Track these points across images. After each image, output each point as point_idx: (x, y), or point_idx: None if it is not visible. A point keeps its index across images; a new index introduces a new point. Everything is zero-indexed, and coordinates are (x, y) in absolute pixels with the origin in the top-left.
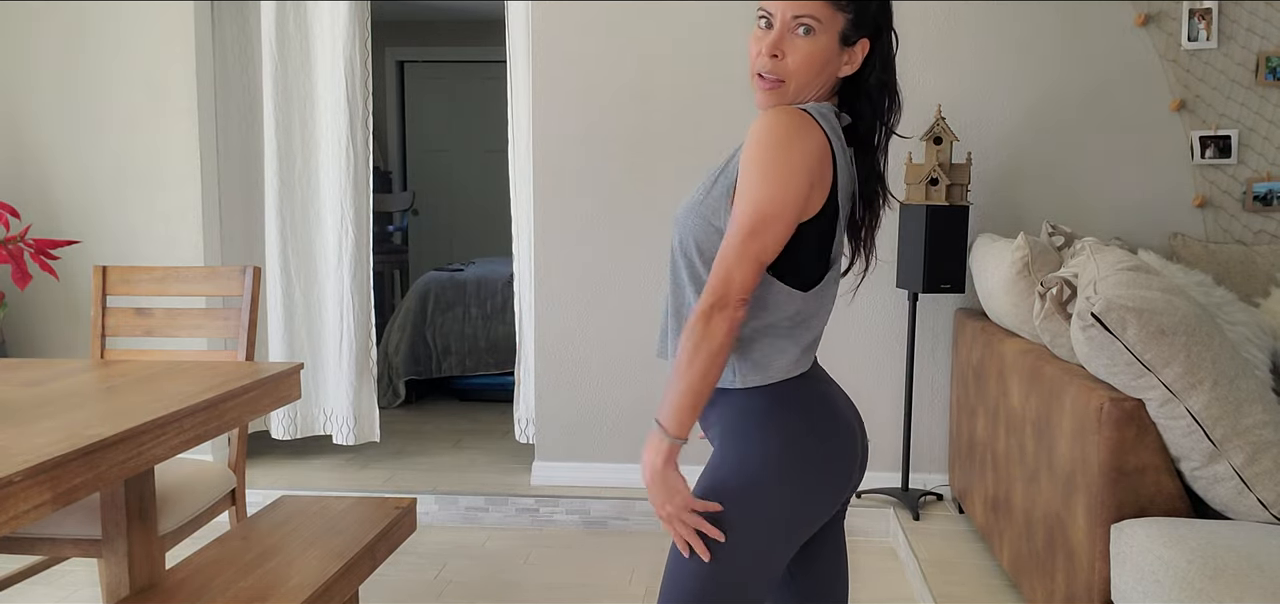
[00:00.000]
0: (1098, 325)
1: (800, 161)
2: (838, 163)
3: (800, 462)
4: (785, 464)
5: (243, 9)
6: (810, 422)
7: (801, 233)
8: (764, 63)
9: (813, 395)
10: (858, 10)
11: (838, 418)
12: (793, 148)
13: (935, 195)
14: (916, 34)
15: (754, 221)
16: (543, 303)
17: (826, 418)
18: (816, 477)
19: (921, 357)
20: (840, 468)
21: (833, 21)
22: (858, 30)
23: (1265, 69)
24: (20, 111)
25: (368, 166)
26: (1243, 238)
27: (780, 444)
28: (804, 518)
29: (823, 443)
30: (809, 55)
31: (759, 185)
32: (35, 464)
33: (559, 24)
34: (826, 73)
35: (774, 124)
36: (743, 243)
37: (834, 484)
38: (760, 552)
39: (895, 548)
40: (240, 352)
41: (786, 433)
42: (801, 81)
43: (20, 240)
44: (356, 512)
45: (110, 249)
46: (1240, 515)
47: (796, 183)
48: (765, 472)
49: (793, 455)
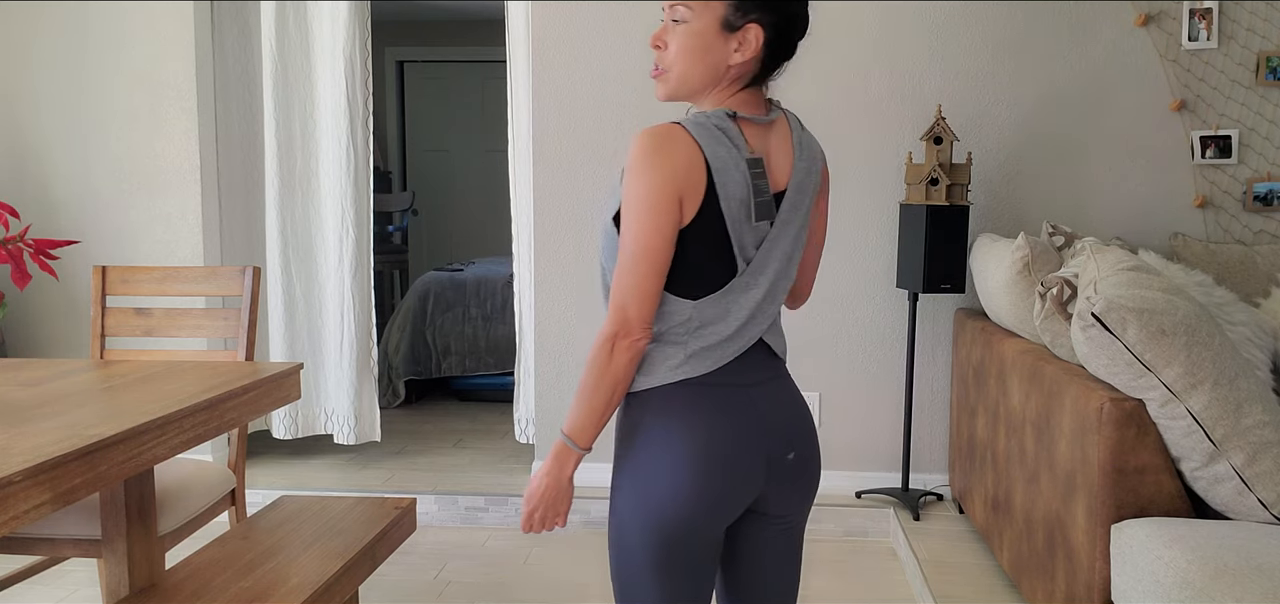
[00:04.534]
0: (1098, 325)
1: (658, 183)
2: (714, 169)
3: (681, 459)
4: (668, 459)
5: (243, 9)
6: (681, 426)
7: (685, 243)
8: (655, 54)
9: (698, 400)
10: None
11: (714, 427)
12: (648, 173)
13: (935, 195)
14: (917, 34)
15: (630, 255)
16: (543, 303)
17: (702, 424)
18: (688, 479)
19: (921, 357)
20: (719, 472)
21: (707, 9)
22: (742, 15)
23: (1265, 69)
24: (20, 111)
25: (368, 166)
26: (1243, 238)
27: (653, 446)
28: (680, 518)
29: (695, 447)
30: (683, 44)
31: (628, 218)
32: (35, 464)
33: (559, 24)
34: (709, 61)
35: (634, 151)
36: (627, 276)
37: (712, 488)
38: (646, 546)
39: (895, 548)
40: (240, 352)
41: (666, 429)
42: (681, 71)
43: (20, 240)
44: (356, 512)
45: (110, 249)
46: (1240, 515)
47: (657, 206)
48: (640, 472)
49: (676, 451)
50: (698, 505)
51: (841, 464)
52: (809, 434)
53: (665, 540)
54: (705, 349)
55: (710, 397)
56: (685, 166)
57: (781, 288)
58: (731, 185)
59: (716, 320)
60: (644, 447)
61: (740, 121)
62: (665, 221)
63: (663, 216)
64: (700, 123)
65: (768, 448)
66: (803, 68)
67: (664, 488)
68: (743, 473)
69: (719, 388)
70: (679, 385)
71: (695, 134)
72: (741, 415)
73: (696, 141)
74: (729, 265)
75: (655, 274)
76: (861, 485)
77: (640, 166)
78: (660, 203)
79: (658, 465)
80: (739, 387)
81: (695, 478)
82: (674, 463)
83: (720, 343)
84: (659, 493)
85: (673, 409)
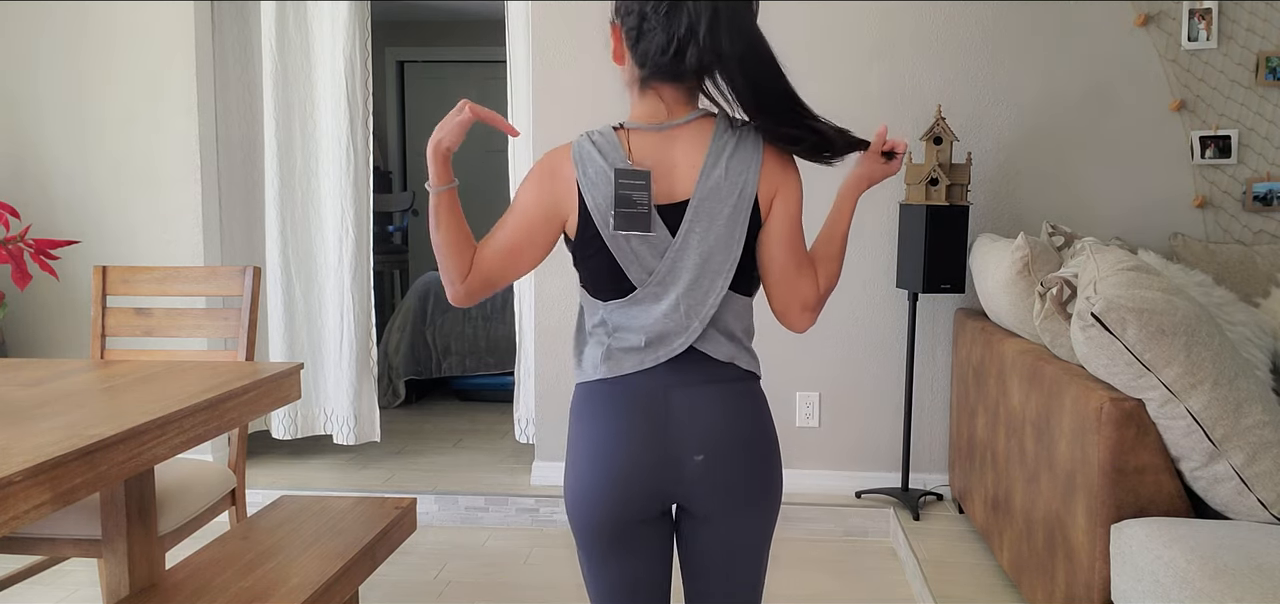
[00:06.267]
0: (1098, 325)
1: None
2: (582, 185)
3: (582, 454)
4: (573, 454)
5: (243, 9)
6: (584, 423)
7: (583, 253)
8: None
9: (605, 400)
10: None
11: (609, 426)
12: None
13: (935, 195)
14: (917, 34)
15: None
16: (543, 303)
17: (599, 423)
18: (583, 472)
19: (921, 357)
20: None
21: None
22: (613, 15)
23: (1265, 69)
24: (20, 111)
25: (368, 166)
26: (1243, 238)
27: (574, 434)
28: (579, 509)
29: (598, 440)
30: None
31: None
32: (35, 464)
33: (559, 24)
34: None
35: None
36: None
37: (600, 483)
38: (572, 529)
39: (895, 548)
40: (240, 352)
41: (578, 425)
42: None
43: (20, 240)
44: (356, 512)
45: (110, 249)
46: (1240, 515)
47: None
48: (565, 461)
49: (579, 447)
50: (593, 498)
51: (841, 464)
52: (730, 440)
53: (578, 527)
54: (623, 351)
55: (617, 398)
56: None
57: (708, 299)
58: (598, 197)
59: (626, 326)
60: (568, 438)
61: (627, 131)
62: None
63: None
64: (583, 138)
65: (671, 450)
66: (803, 68)
67: (570, 480)
68: (635, 471)
69: (629, 391)
70: (597, 383)
71: (573, 151)
72: (643, 417)
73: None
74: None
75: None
76: (861, 485)
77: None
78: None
79: (570, 457)
80: (650, 390)
81: (586, 473)
82: (575, 458)
83: (636, 349)
84: (568, 484)
85: (582, 407)
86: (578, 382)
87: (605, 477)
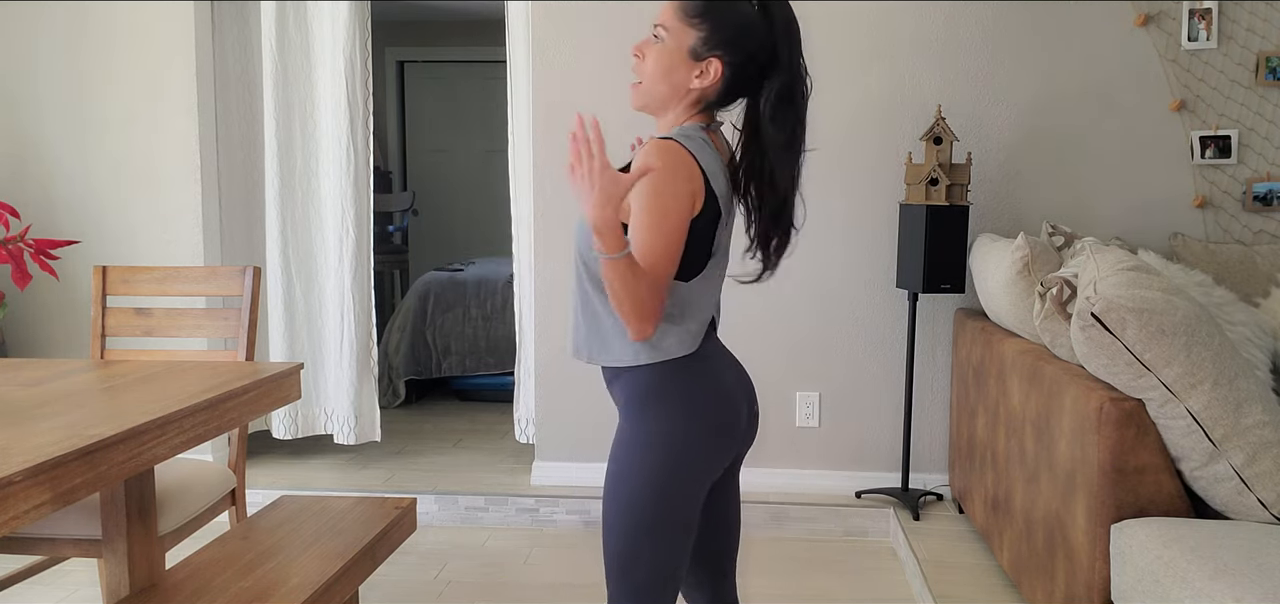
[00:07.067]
0: (1098, 325)
1: (673, 203)
2: (708, 174)
3: (683, 430)
4: (683, 427)
5: (243, 9)
6: (693, 395)
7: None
8: (633, 64)
9: (699, 371)
10: (711, 28)
11: (720, 391)
12: (666, 192)
13: (935, 195)
14: (917, 34)
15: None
16: (543, 303)
17: (709, 392)
18: (698, 441)
19: (921, 357)
20: (722, 434)
21: (682, 33)
22: (708, 47)
23: (1265, 69)
24: (21, 111)
25: (368, 166)
26: (1243, 238)
27: (675, 412)
28: (695, 475)
29: (704, 414)
30: (657, 60)
31: (646, 233)
32: (35, 464)
33: (559, 24)
34: (673, 80)
35: (655, 173)
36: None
37: (716, 446)
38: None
39: (895, 548)
40: (240, 352)
41: (673, 404)
42: (650, 84)
43: (20, 240)
44: (356, 512)
45: (110, 249)
46: (1240, 515)
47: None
48: (664, 435)
49: (677, 425)
50: (712, 461)
51: (841, 464)
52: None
53: (684, 496)
54: (697, 326)
55: (710, 366)
56: (689, 183)
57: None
58: (720, 186)
59: (701, 298)
60: (667, 413)
61: (712, 133)
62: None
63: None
64: (689, 135)
65: (746, 405)
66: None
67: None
68: (738, 429)
69: (711, 358)
70: (689, 358)
71: (689, 147)
72: (731, 378)
73: (691, 154)
74: (706, 253)
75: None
76: (861, 485)
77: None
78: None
79: (684, 427)
80: (719, 355)
81: (712, 436)
82: (697, 426)
83: (703, 320)
84: (685, 453)
85: (686, 379)
86: (660, 359)
87: (728, 430)
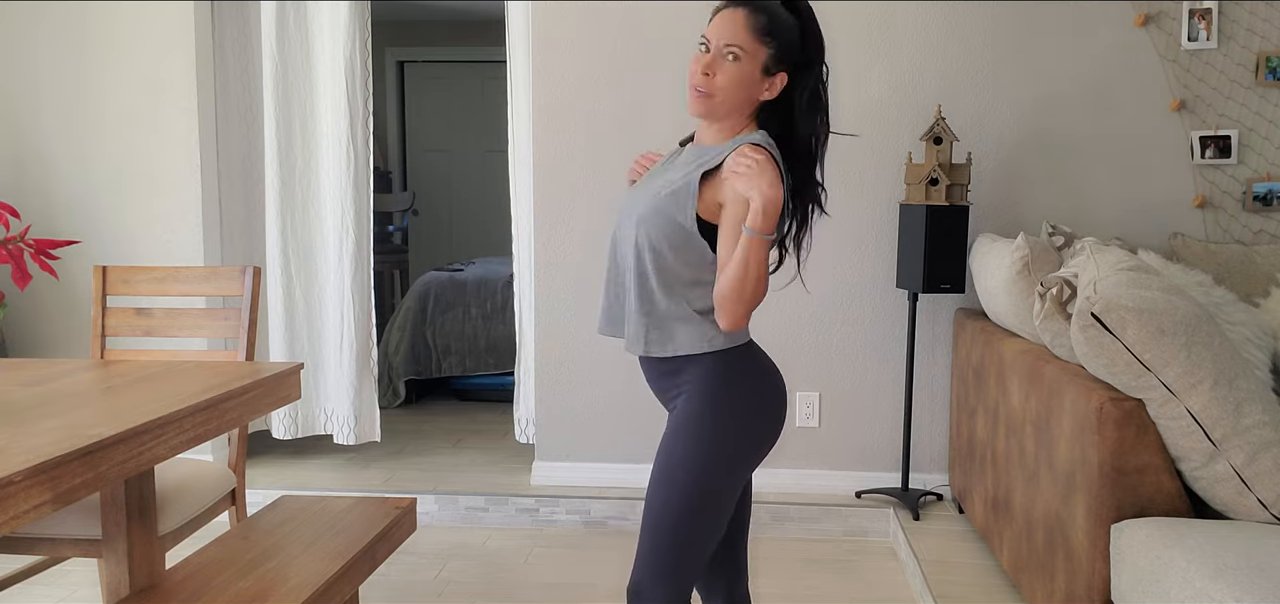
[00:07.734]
0: (1097, 325)
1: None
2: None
3: (757, 412)
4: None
5: (243, 9)
6: (765, 379)
7: None
8: (698, 79)
9: (760, 359)
10: (779, 47)
11: (780, 381)
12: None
13: (935, 195)
14: (917, 34)
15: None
16: (543, 303)
17: (773, 380)
18: (767, 424)
19: (921, 357)
20: (778, 419)
21: (757, 52)
22: (779, 64)
23: (1265, 69)
24: (20, 112)
25: (368, 166)
26: (1243, 238)
27: (749, 394)
28: (759, 451)
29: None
30: (734, 77)
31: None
32: (35, 464)
33: (559, 24)
34: (747, 93)
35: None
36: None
37: (773, 431)
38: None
39: (895, 548)
40: (240, 352)
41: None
42: (725, 97)
43: (20, 240)
44: (356, 512)
45: (110, 249)
46: (1240, 515)
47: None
48: (736, 416)
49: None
50: (766, 444)
51: (841, 464)
52: None
53: (740, 477)
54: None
55: (763, 356)
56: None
57: None
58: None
59: None
60: (743, 397)
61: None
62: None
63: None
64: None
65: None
66: None
67: (763, 429)
68: (785, 414)
69: (759, 350)
70: (748, 346)
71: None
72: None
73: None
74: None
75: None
76: (861, 485)
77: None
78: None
79: (761, 407)
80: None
81: (774, 420)
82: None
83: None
84: (753, 435)
85: (752, 365)
86: (730, 345)
87: (782, 415)
